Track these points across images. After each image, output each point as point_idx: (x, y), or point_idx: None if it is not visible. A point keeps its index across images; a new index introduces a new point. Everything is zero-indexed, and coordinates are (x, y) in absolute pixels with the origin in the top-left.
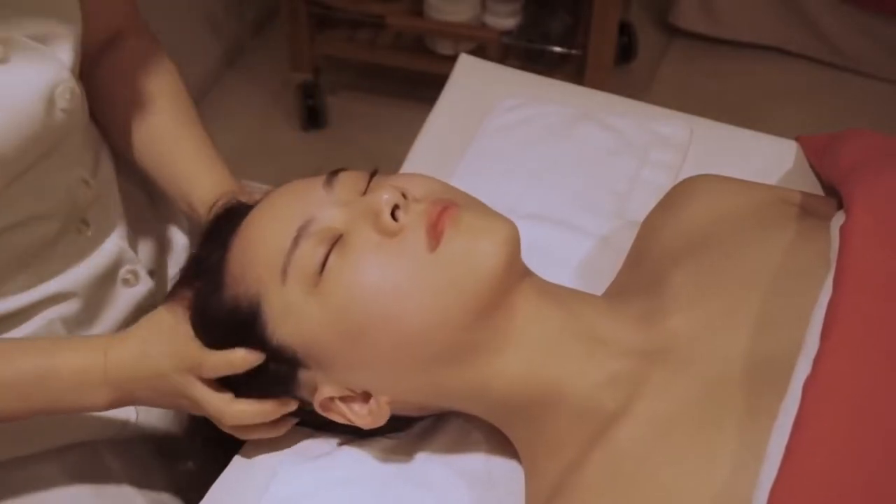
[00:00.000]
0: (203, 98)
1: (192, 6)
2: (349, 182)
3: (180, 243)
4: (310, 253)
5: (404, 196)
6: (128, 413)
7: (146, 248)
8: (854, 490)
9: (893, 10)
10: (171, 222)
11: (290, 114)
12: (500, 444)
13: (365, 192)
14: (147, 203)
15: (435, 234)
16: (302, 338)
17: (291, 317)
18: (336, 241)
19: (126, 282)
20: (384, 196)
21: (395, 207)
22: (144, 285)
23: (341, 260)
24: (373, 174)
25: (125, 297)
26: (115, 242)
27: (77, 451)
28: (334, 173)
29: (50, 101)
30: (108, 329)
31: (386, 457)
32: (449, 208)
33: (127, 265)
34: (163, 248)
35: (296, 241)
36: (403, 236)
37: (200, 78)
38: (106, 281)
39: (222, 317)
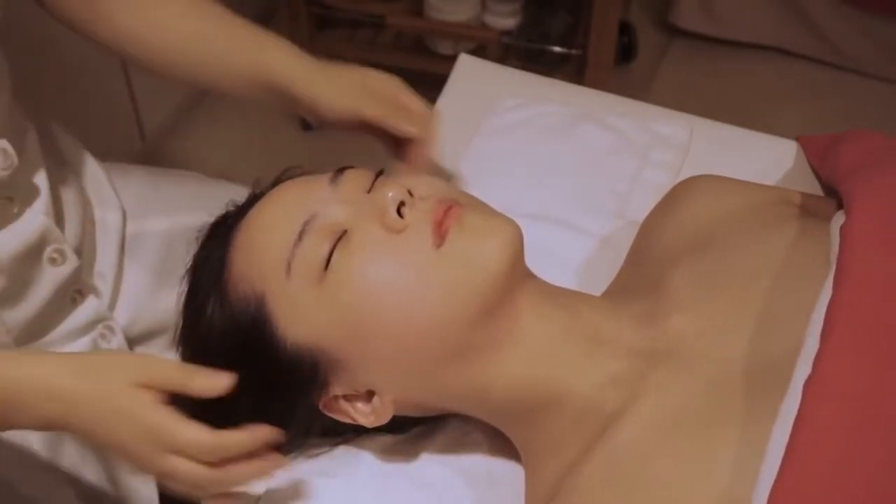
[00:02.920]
0: (203, 98)
1: None
2: (354, 180)
3: (112, 225)
4: (314, 248)
5: (410, 194)
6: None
7: (73, 229)
8: (854, 490)
9: (893, 10)
10: (104, 204)
11: (291, 114)
12: (501, 443)
13: (370, 191)
14: (76, 185)
15: (440, 233)
16: (313, 336)
17: (299, 313)
18: (341, 236)
19: (52, 261)
20: (389, 193)
21: (401, 204)
22: (70, 265)
23: (346, 255)
24: (378, 174)
25: (50, 276)
26: (40, 220)
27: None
28: (340, 171)
29: None
30: (33, 308)
31: (386, 457)
32: (454, 207)
33: (53, 244)
34: (91, 229)
35: (300, 236)
36: (408, 233)
37: None
38: (31, 259)
39: (229, 323)
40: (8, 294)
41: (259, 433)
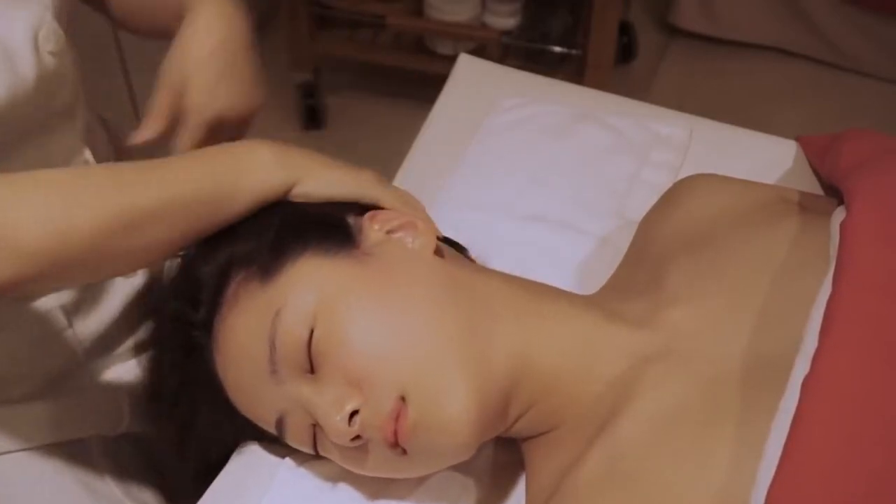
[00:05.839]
0: None
1: None
2: (290, 362)
3: None
4: (299, 444)
5: (355, 411)
6: (120, 413)
7: None
8: (852, 488)
9: (893, 10)
10: None
11: (290, 114)
12: (502, 442)
13: (312, 370)
14: None
15: (398, 449)
16: None
17: None
18: (314, 431)
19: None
20: (332, 434)
21: (354, 414)
22: (141, 276)
23: (328, 450)
24: (310, 339)
25: (122, 288)
26: None
27: (67, 447)
28: (272, 351)
29: (35, 47)
30: (106, 318)
31: None
32: (401, 416)
33: None
34: None
35: (280, 432)
36: (372, 447)
37: None
38: None
39: None
40: (82, 306)
41: None
